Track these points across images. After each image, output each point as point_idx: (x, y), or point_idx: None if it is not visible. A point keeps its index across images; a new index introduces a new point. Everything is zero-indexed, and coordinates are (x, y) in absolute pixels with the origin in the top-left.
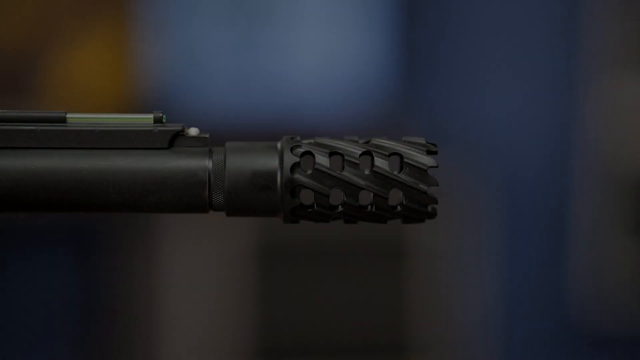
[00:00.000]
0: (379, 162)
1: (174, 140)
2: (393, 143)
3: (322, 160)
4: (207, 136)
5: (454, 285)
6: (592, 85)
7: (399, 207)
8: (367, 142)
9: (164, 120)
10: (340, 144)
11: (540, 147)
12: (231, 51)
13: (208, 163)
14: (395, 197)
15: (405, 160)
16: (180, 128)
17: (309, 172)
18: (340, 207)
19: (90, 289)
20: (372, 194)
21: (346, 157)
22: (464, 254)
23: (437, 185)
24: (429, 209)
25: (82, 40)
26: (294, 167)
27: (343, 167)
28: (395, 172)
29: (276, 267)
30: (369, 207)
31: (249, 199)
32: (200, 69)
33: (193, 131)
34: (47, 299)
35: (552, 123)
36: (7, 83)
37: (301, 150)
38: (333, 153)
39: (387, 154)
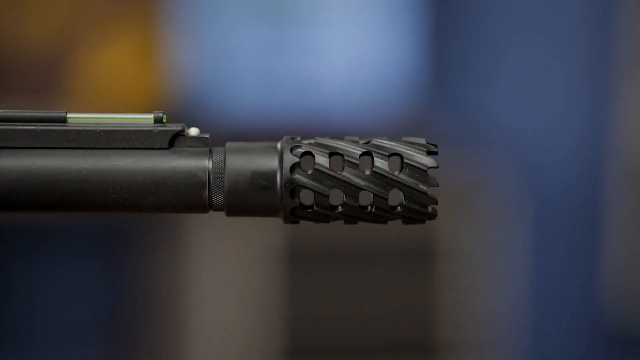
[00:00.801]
0: (379, 162)
1: (174, 141)
2: (393, 143)
3: (322, 160)
4: (207, 136)
5: (483, 286)
6: (623, 85)
7: (399, 207)
8: (367, 143)
9: (164, 121)
10: (340, 145)
11: (571, 147)
12: (259, 51)
13: (208, 163)
14: (396, 197)
15: (405, 160)
16: (180, 128)
17: (309, 172)
18: (340, 207)
19: (117, 291)
20: (372, 195)
21: (346, 158)
22: (492, 254)
23: (437, 186)
24: (430, 209)
25: (110, 40)
26: (294, 167)
27: (343, 168)
28: (395, 173)
29: (302, 268)
30: (369, 207)
31: (249, 199)
32: (228, 69)
33: (193, 131)
34: (75, 301)
35: (582, 122)
36: (37, 83)
37: (301, 150)
38: (333, 153)
39: (387, 154)
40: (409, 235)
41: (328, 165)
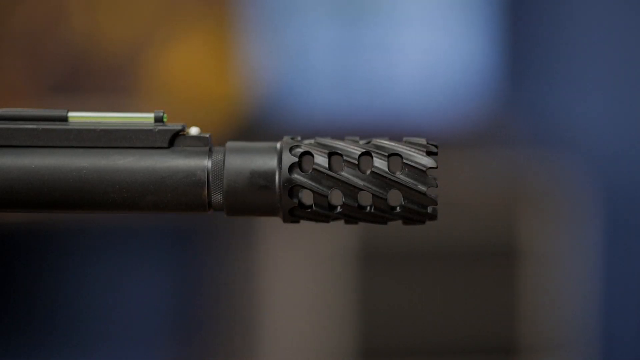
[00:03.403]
0: (378, 162)
1: (174, 140)
2: (393, 144)
3: (321, 160)
4: (208, 136)
5: (560, 287)
6: None
7: (398, 208)
8: (367, 143)
9: (165, 120)
10: (339, 145)
11: None
12: (335, 52)
13: (207, 163)
14: (396, 198)
15: (405, 161)
16: (180, 127)
17: (308, 172)
18: (339, 207)
19: (190, 293)
20: (371, 195)
21: (345, 158)
22: (569, 255)
23: (436, 186)
24: (429, 210)
25: (185, 41)
26: (292, 167)
27: (343, 168)
28: (394, 173)
29: (376, 269)
30: (369, 207)
31: (248, 198)
32: (303, 70)
33: (194, 131)
34: (148, 303)
35: None
36: (112, 83)
37: (300, 150)
38: (332, 153)
39: (387, 154)
40: (485, 236)
41: (327, 165)
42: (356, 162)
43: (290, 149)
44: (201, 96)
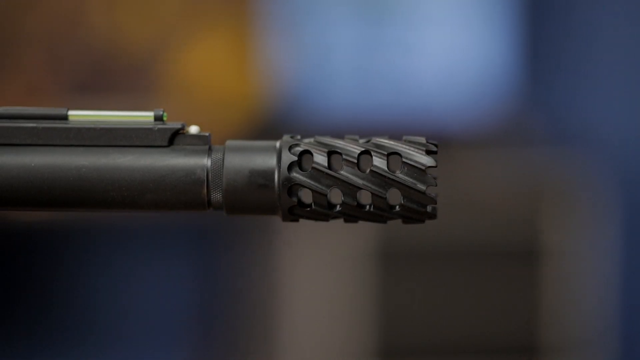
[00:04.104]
0: (377, 161)
1: (174, 139)
2: (392, 143)
3: (320, 159)
4: (208, 134)
5: (584, 286)
6: None
7: (397, 207)
8: (367, 142)
9: (164, 119)
10: (339, 143)
11: None
12: (356, 50)
13: (207, 161)
14: (395, 196)
15: (404, 160)
16: (180, 126)
17: (307, 171)
18: (338, 206)
19: (210, 292)
20: (370, 194)
21: (344, 157)
22: (593, 254)
23: (435, 185)
24: (429, 209)
25: (207, 40)
26: (292, 165)
27: (342, 167)
28: (393, 172)
29: (397, 268)
30: (368, 206)
31: (247, 197)
32: (325, 68)
33: (193, 129)
34: (167, 302)
35: None
36: (135, 81)
37: (299, 149)
38: (332, 152)
39: (386, 153)
40: (505, 235)
41: (326, 164)
42: (355, 161)
43: (290, 148)
44: (222, 95)
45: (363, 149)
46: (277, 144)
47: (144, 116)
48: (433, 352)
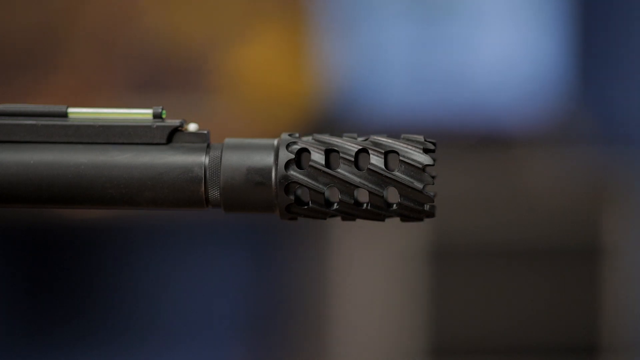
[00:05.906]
0: (375, 159)
1: (173, 136)
2: (390, 141)
3: (317, 157)
4: (206, 132)
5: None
6: None
7: (395, 205)
8: (365, 140)
9: (163, 116)
10: (336, 141)
11: None
12: (410, 48)
13: (204, 159)
14: (393, 195)
15: (401, 158)
16: (178, 124)
17: (304, 169)
18: (336, 204)
19: (263, 291)
20: (368, 192)
21: (342, 155)
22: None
23: (433, 184)
24: (426, 207)
25: (260, 39)
26: (289, 163)
27: (339, 165)
28: (391, 170)
29: (449, 266)
30: (365, 205)
31: (245, 195)
32: (378, 66)
33: (192, 127)
34: (223, 300)
35: None
36: (189, 80)
37: (297, 147)
38: (329, 150)
39: (384, 151)
40: (564, 233)
41: (323, 162)
42: (353, 159)
43: (287, 146)
44: (277, 94)
45: (360, 147)
46: (275, 141)
47: (143, 113)
48: (487, 351)
